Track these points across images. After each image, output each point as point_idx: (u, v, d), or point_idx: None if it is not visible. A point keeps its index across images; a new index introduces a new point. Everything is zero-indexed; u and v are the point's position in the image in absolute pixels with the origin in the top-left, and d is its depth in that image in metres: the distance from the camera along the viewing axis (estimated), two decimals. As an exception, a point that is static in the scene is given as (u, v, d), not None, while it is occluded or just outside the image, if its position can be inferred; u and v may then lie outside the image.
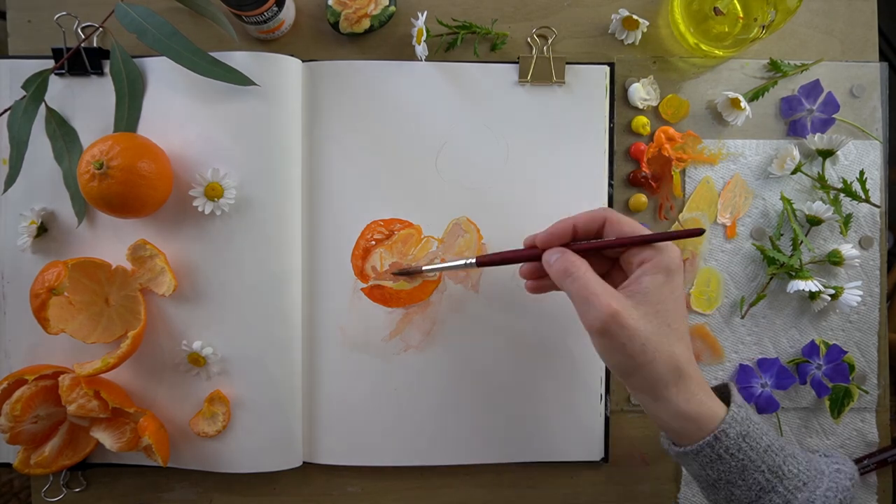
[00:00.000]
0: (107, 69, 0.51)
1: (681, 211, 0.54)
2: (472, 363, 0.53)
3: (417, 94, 0.53)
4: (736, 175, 0.55)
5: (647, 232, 0.42)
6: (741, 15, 0.50)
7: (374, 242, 0.52)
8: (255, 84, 0.49)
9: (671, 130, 0.54)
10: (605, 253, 0.44)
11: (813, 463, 0.40)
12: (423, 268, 0.51)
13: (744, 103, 0.52)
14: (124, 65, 0.50)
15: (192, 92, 0.50)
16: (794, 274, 0.52)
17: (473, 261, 0.48)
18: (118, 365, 0.48)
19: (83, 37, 0.52)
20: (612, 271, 0.45)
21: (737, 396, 0.41)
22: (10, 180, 0.50)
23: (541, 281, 0.47)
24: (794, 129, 0.55)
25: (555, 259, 0.41)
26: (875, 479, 0.55)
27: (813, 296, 0.53)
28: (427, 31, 0.51)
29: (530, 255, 0.45)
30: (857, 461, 0.55)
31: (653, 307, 0.38)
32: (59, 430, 0.50)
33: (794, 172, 0.53)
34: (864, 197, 0.53)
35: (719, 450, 0.38)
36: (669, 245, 0.40)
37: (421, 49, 0.51)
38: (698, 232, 0.41)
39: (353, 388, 0.53)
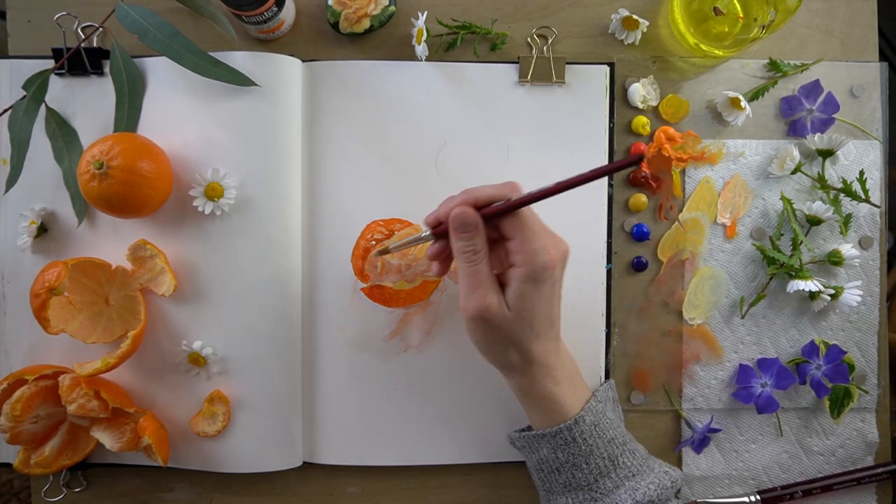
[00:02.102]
0: (107, 69, 0.51)
1: (681, 211, 0.54)
2: (472, 363, 0.53)
3: (417, 94, 0.53)
4: (736, 175, 0.55)
5: (539, 232, 0.42)
6: (741, 15, 0.50)
7: (374, 242, 0.52)
8: (255, 84, 0.49)
9: (671, 130, 0.54)
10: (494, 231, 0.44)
11: (647, 461, 0.47)
12: (390, 245, 0.48)
13: (744, 103, 0.52)
14: (124, 65, 0.50)
15: (192, 92, 0.51)
16: (794, 274, 0.52)
17: (429, 232, 0.45)
18: (118, 365, 0.48)
19: (83, 37, 0.52)
20: (497, 247, 0.45)
21: (599, 393, 0.48)
22: (12, 181, 0.50)
23: (445, 263, 0.47)
24: (794, 129, 0.55)
25: (464, 237, 0.42)
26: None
27: (813, 296, 0.53)
28: (427, 31, 0.51)
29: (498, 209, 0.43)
30: (864, 470, 0.55)
31: (519, 314, 0.42)
32: (59, 430, 0.50)
33: (794, 172, 0.53)
34: (864, 197, 0.53)
35: (575, 433, 0.45)
36: (542, 248, 0.41)
37: (421, 49, 0.51)
38: (627, 163, 0.39)
39: (353, 388, 0.53)
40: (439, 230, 0.44)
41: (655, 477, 0.45)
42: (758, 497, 0.54)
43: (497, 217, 0.42)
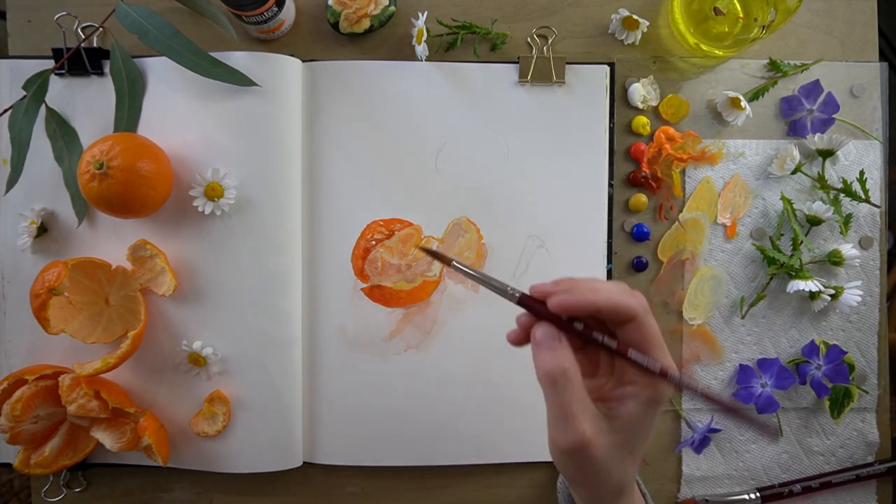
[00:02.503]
0: (107, 69, 0.51)
1: (681, 211, 0.54)
2: (472, 363, 0.53)
3: (417, 94, 0.53)
4: (736, 175, 0.55)
5: (665, 349, 0.36)
6: (741, 15, 0.50)
7: (374, 242, 0.52)
8: (255, 84, 0.49)
9: (671, 130, 0.54)
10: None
11: None
12: (454, 262, 0.37)
13: (744, 103, 0.52)
14: (124, 65, 0.50)
15: (192, 92, 0.50)
16: (794, 274, 0.52)
17: (517, 296, 0.36)
18: (118, 365, 0.48)
19: (83, 37, 0.52)
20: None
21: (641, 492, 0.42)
22: (12, 181, 0.50)
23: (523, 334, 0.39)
24: (794, 129, 0.55)
25: (547, 356, 0.35)
26: (874, 479, 0.55)
27: (813, 296, 0.53)
28: (427, 31, 0.51)
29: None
30: (863, 467, 0.55)
31: (625, 437, 0.35)
32: (59, 430, 0.50)
33: (794, 172, 0.53)
34: (864, 197, 0.53)
35: None
36: (672, 366, 0.35)
37: (421, 49, 0.51)
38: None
39: (353, 388, 0.53)
40: (528, 305, 0.36)
41: None
42: (758, 494, 0.54)
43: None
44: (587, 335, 0.35)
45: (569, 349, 0.35)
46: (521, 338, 0.37)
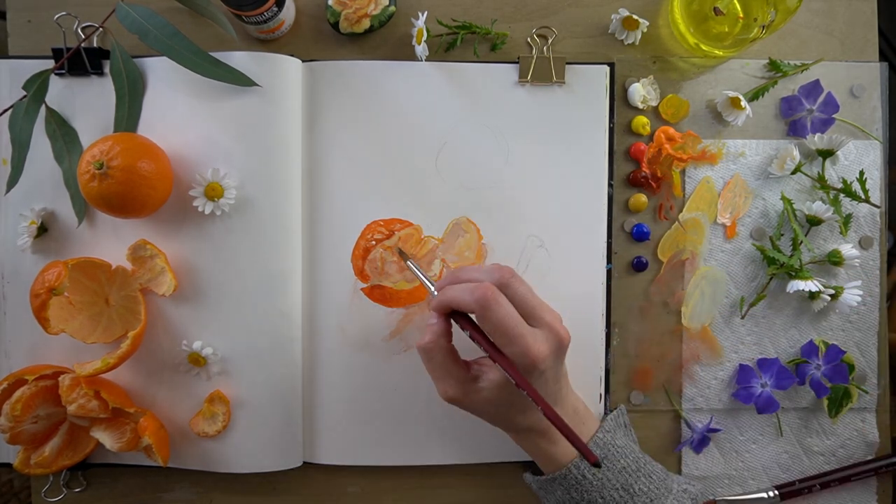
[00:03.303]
0: (107, 69, 0.51)
1: (681, 211, 0.54)
2: (472, 363, 0.53)
3: (417, 94, 0.53)
4: (736, 175, 0.55)
5: (515, 335, 0.40)
6: (741, 15, 0.50)
7: (374, 242, 0.52)
8: (256, 84, 0.49)
9: (671, 130, 0.54)
10: None
11: (665, 482, 0.46)
12: (409, 262, 0.49)
13: (744, 103, 0.52)
14: (124, 65, 0.50)
15: (192, 92, 0.51)
16: (794, 274, 0.52)
17: (436, 294, 0.44)
18: (118, 365, 0.48)
19: (83, 37, 0.52)
20: None
21: (607, 423, 0.48)
22: (12, 181, 0.50)
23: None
24: (794, 129, 0.55)
25: (424, 335, 0.44)
26: (875, 480, 0.55)
27: (813, 296, 0.53)
28: (427, 31, 0.51)
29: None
30: (859, 464, 0.55)
31: (496, 395, 0.43)
32: (59, 430, 0.50)
33: (794, 172, 0.53)
34: (863, 197, 0.53)
35: (583, 470, 0.44)
36: (521, 353, 0.40)
37: (421, 49, 0.51)
38: (587, 453, 0.38)
39: (353, 388, 0.53)
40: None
41: (674, 498, 0.45)
42: (776, 492, 0.53)
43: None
44: (457, 322, 0.44)
45: (442, 328, 0.43)
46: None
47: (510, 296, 0.42)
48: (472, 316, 0.43)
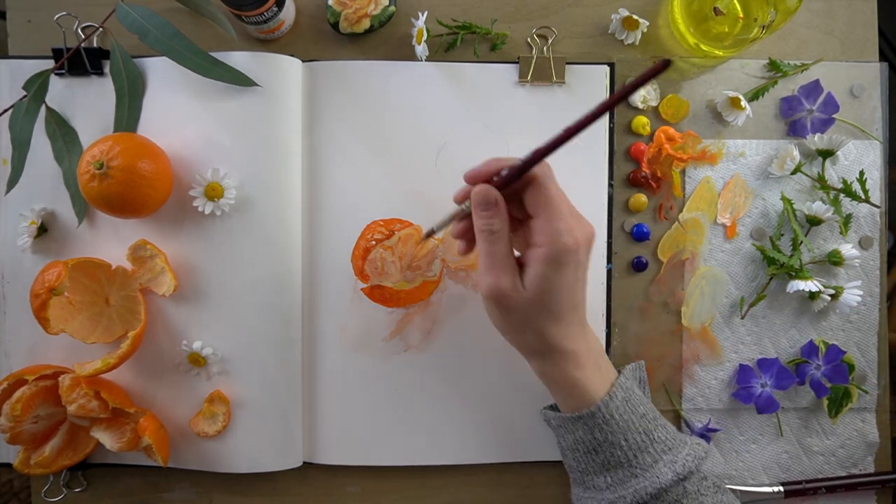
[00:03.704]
0: (107, 69, 0.51)
1: (681, 211, 0.54)
2: (472, 363, 0.53)
3: (417, 94, 0.53)
4: (736, 175, 0.55)
5: (564, 212, 0.41)
6: (741, 15, 0.50)
7: (374, 242, 0.52)
8: (256, 85, 0.49)
9: (671, 130, 0.54)
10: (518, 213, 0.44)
11: (679, 435, 0.46)
12: (435, 227, 0.48)
13: (744, 102, 0.52)
14: (124, 65, 0.50)
15: (192, 92, 0.51)
16: (794, 274, 0.52)
17: (466, 205, 0.44)
18: (118, 365, 0.48)
19: (83, 37, 0.52)
20: (522, 227, 0.45)
21: (627, 371, 0.47)
22: (13, 181, 0.50)
23: (471, 243, 0.47)
24: (794, 129, 0.55)
25: (483, 214, 0.42)
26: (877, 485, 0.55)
27: (813, 296, 0.53)
28: (427, 31, 0.51)
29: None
30: (868, 475, 0.55)
31: (537, 296, 0.42)
32: (59, 430, 0.50)
33: (794, 172, 0.53)
34: (863, 197, 0.53)
35: (612, 409, 0.44)
36: (566, 229, 0.41)
37: (421, 49, 0.51)
38: (661, 67, 0.34)
39: (353, 387, 0.53)
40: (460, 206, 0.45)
41: (690, 449, 0.44)
42: (781, 488, 0.54)
43: (521, 190, 0.42)
44: (505, 177, 0.42)
45: (502, 211, 0.42)
46: (462, 231, 0.46)
47: None
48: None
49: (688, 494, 0.43)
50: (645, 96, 0.53)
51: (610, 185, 0.53)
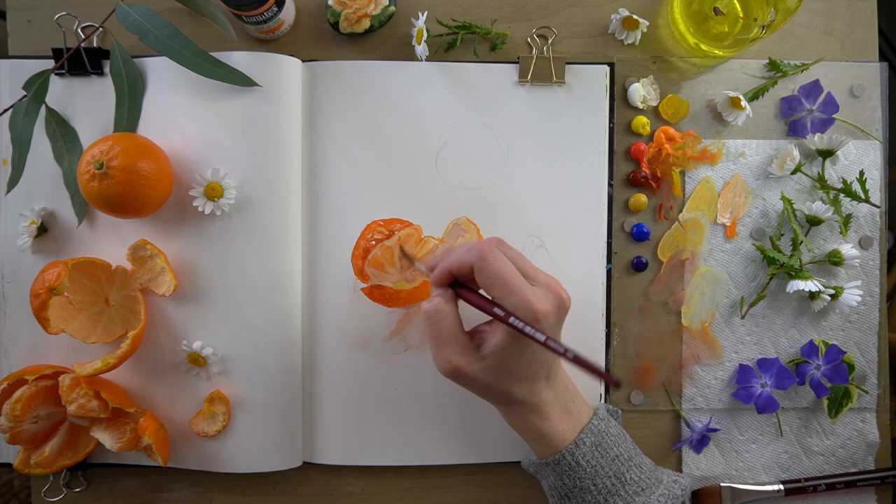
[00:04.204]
0: (107, 69, 0.51)
1: (681, 211, 0.54)
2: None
3: (417, 94, 0.53)
4: (736, 175, 0.55)
5: (514, 286, 0.40)
6: (741, 15, 0.50)
7: (374, 242, 0.52)
8: (256, 85, 0.49)
9: (671, 130, 0.54)
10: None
11: (655, 473, 0.46)
12: (416, 263, 0.49)
13: (744, 102, 0.52)
14: (124, 65, 0.50)
15: (192, 92, 0.51)
16: (794, 274, 0.52)
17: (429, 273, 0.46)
18: (118, 365, 0.48)
19: (83, 37, 0.52)
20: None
21: (600, 411, 0.48)
22: (13, 181, 0.50)
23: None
24: (794, 129, 0.55)
25: (428, 302, 0.43)
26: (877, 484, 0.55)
27: (813, 296, 0.53)
28: (427, 31, 0.51)
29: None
30: (867, 472, 0.55)
31: (498, 362, 0.42)
32: (59, 430, 0.50)
33: (794, 172, 0.53)
34: (863, 197, 0.53)
35: (578, 457, 0.44)
36: (522, 304, 0.40)
37: (421, 49, 0.51)
38: (607, 378, 0.37)
39: (353, 388, 0.53)
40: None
41: (665, 489, 0.45)
42: (781, 487, 0.54)
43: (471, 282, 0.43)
44: (457, 292, 0.44)
45: (447, 297, 0.43)
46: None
47: (505, 255, 0.42)
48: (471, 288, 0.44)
49: None
50: (645, 96, 0.53)
51: (610, 185, 0.53)
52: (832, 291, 0.53)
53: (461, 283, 0.44)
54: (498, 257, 0.41)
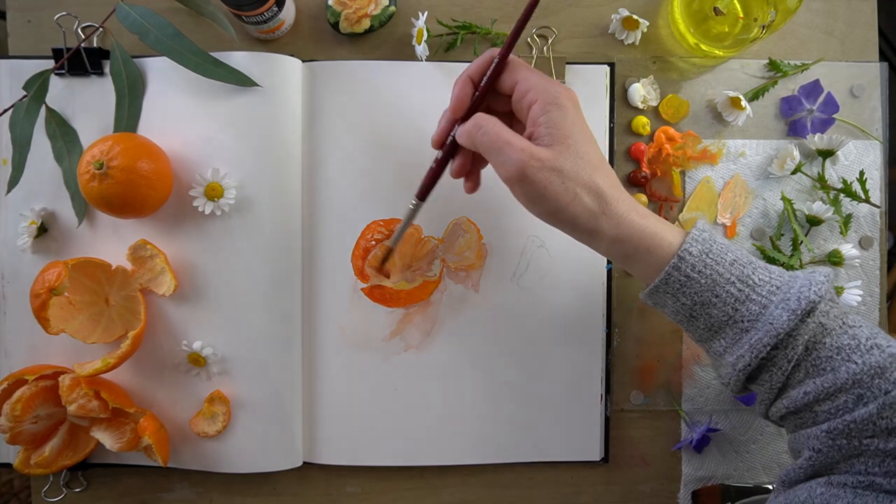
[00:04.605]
0: (107, 69, 0.51)
1: (681, 211, 0.54)
2: (472, 363, 0.53)
3: (417, 94, 0.53)
4: (736, 175, 0.55)
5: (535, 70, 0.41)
6: (741, 15, 0.50)
7: (374, 242, 0.52)
8: (257, 85, 0.49)
9: (671, 130, 0.54)
10: (501, 108, 0.44)
11: (786, 273, 0.39)
12: (390, 243, 0.50)
13: (744, 102, 0.52)
14: (124, 65, 0.50)
15: (192, 92, 0.51)
16: (794, 274, 0.52)
17: (416, 202, 0.46)
18: (118, 365, 0.48)
19: (83, 37, 0.52)
20: (515, 127, 0.43)
21: (699, 222, 0.41)
22: (14, 181, 0.50)
23: (473, 174, 0.46)
24: (794, 129, 0.55)
25: (462, 126, 0.41)
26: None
27: (813, 296, 0.53)
28: (427, 31, 0.51)
29: (449, 144, 0.44)
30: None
31: (561, 142, 0.38)
32: (59, 430, 0.50)
33: (794, 172, 0.53)
34: (864, 197, 0.53)
35: (686, 270, 0.38)
36: (548, 82, 0.40)
37: (421, 49, 0.51)
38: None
39: (353, 388, 0.53)
40: (446, 148, 0.44)
41: (804, 280, 0.37)
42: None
43: (497, 85, 0.42)
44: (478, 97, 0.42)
45: (480, 113, 0.41)
46: (463, 169, 0.45)
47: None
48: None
49: (826, 323, 0.36)
50: (645, 96, 0.53)
51: (610, 185, 0.53)
52: (832, 291, 0.53)
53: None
54: (525, 63, 0.42)
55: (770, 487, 0.54)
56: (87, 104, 0.51)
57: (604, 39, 0.54)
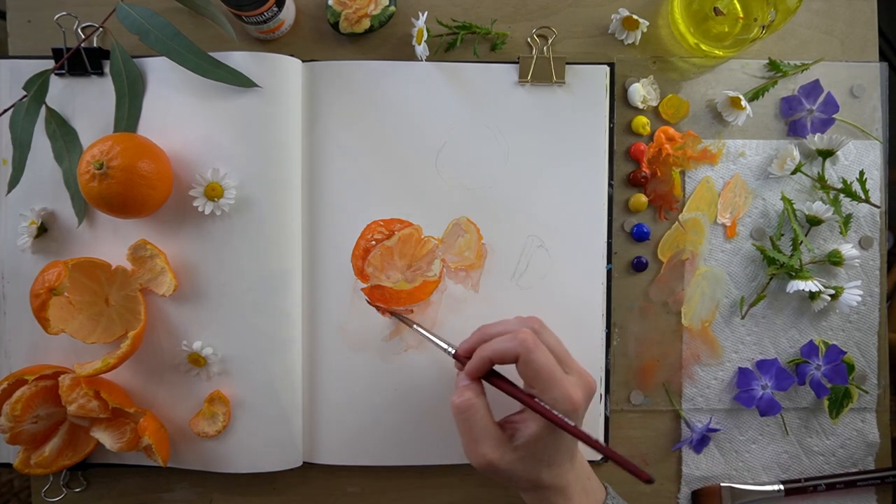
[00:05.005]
0: (107, 69, 0.51)
1: (681, 211, 0.54)
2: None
3: (417, 94, 0.53)
4: (736, 175, 0.55)
5: (556, 379, 0.41)
6: (741, 15, 0.50)
7: (374, 242, 0.52)
8: (256, 85, 0.49)
9: (671, 130, 0.54)
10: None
11: None
12: (415, 325, 0.50)
13: (744, 102, 0.52)
14: (124, 65, 0.50)
15: (192, 92, 0.51)
16: (794, 274, 0.52)
17: (453, 351, 0.47)
18: (118, 365, 0.48)
19: (83, 37, 0.52)
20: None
21: (611, 489, 0.47)
22: (14, 181, 0.50)
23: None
24: (794, 129, 0.55)
25: (456, 394, 0.44)
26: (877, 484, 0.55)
27: (813, 296, 0.53)
28: (427, 31, 0.51)
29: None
30: (867, 472, 0.55)
31: (530, 452, 0.42)
32: (59, 430, 0.50)
33: (794, 172, 0.53)
34: (864, 197, 0.53)
35: None
36: (562, 397, 0.41)
37: (421, 49, 0.51)
38: (639, 473, 0.38)
39: (354, 388, 0.53)
40: (465, 359, 0.45)
41: None
42: (781, 487, 0.54)
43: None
44: (490, 382, 0.44)
45: (477, 389, 0.44)
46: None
47: (543, 342, 0.42)
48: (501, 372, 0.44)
49: None
50: (645, 96, 0.53)
51: (610, 185, 0.53)
52: (832, 291, 0.53)
53: (496, 374, 0.44)
54: (541, 348, 0.42)
55: (771, 488, 0.54)
56: (87, 104, 0.51)
57: (604, 39, 0.54)
